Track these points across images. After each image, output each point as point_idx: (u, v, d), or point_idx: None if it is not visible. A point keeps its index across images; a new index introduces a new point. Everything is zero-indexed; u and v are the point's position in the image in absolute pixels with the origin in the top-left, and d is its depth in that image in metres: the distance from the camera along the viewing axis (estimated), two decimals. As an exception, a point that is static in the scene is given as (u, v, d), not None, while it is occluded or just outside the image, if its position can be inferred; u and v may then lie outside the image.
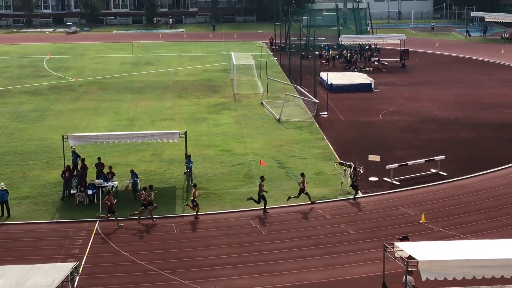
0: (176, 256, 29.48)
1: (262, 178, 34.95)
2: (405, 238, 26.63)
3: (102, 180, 36.51)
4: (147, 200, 33.30)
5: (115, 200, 33.54)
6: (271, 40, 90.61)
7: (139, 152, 44.15)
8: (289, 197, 35.32)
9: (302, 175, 35.56)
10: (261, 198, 34.42)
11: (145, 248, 30.35)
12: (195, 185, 34.94)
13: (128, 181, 36.65)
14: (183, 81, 68.53)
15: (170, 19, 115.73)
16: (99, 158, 38.52)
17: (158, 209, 33.76)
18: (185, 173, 38.31)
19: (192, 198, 34.09)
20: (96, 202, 35.25)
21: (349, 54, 75.55)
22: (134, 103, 58.89)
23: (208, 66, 77.20)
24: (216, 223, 33.23)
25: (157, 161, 42.58)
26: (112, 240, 31.20)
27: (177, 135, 38.24)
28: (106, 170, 37.54)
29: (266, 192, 34.82)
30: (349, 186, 36.36)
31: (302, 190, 35.05)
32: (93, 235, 31.72)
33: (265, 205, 34.51)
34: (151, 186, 34.36)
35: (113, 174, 37.32)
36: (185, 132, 38.50)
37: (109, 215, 32.93)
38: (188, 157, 37.99)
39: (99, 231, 32.16)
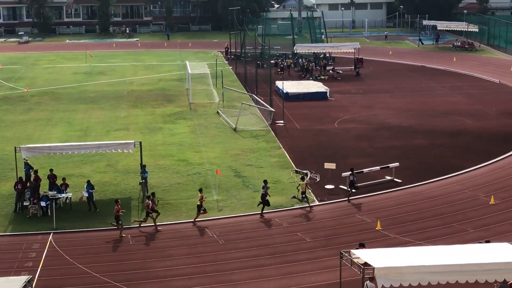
0: (131, 268, 29.14)
1: (265, 182, 35.32)
2: (361, 246, 26.76)
3: (55, 192, 35.94)
4: (152, 208, 33.23)
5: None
6: (226, 49, 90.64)
7: (93, 163, 43.61)
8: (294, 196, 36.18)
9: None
10: (264, 201, 34.79)
11: (100, 260, 29.93)
12: (200, 190, 34.80)
13: (84, 192, 36.15)
14: (138, 91, 68.03)
15: (127, 29, 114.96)
16: (51, 170, 37.95)
17: (113, 220, 33.27)
18: (140, 183, 37.95)
19: (199, 203, 33.94)
20: (49, 214, 34.66)
21: (306, 63, 75.93)
22: (88, 113, 58.23)
23: (163, 75, 76.82)
24: (172, 233, 32.95)
25: (112, 171, 42.12)
26: (67, 252, 30.70)
27: (132, 145, 37.90)
28: (59, 182, 36.98)
29: (269, 196, 34.94)
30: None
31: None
32: (47, 248, 31.18)
33: (262, 209, 34.76)
34: (153, 194, 34.29)
35: (67, 186, 36.78)
36: (140, 142, 38.18)
37: (120, 222, 32.68)
38: (143, 167, 37.69)
39: (53, 243, 31.63)
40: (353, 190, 37.00)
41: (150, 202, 33.30)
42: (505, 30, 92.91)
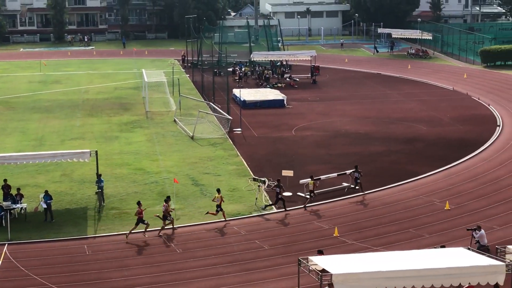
0: (88, 278, 28.77)
1: (278, 181, 37.10)
2: (320, 252, 26.84)
3: (10, 203, 35.35)
4: (167, 212, 33.55)
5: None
6: (183, 57, 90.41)
7: (48, 173, 43.03)
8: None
9: (218, 191, 35.55)
10: (279, 199, 36.57)
11: (56, 271, 29.50)
12: (218, 190, 35.41)
13: (42, 203, 35.59)
14: (94, 99, 67.40)
15: (85, 37, 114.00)
16: (5, 180, 37.38)
17: (70, 231, 32.91)
18: (96, 193, 37.58)
19: (218, 203, 34.65)
20: (4, 225, 34.02)
21: (264, 71, 76.14)
22: (43, 123, 57.46)
23: (119, 83, 76.25)
24: (129, 243, 32.65)
25: (68, 181, 41.61)
26: (22, 263, 30.18)
27: (87, 154, 37.49)
28: (14, 192, 36.39)
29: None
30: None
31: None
32: (1, 259, 30.61)
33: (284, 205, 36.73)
34: (169, 197, 34.61)
35: (22, 196, 36.25)
36: (96, 151, 37.81)
37: (146, 222, 33.29)
38: (98, 176, 37.32)
39: (8, 255, 31.07)
40: (357, 187, 38.96)
41: (166, 205, 33.62)
42: (458, 37, 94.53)
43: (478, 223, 32.43)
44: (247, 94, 64.14)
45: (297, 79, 76.44)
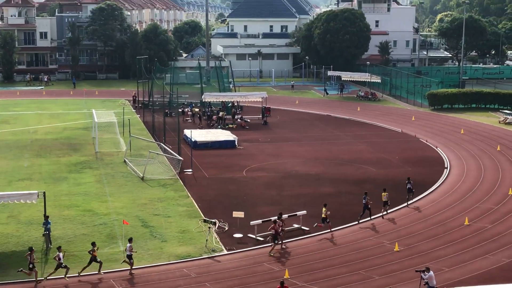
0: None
1: (366, 193, 42.04)
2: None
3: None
4: (280, 228, 36.58)
5: None
6: (134, 98, 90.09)
7: (-6, 214, 42.10)
8: None
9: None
10: (366, 209, 41.52)
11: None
12: (325, 205, 40.04)
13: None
14: (42, 140, 66.51)
15: (45, 76, 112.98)
16: (-50, 222, 36.43)
17: (14, 274, 32.08)
18: (43, 235, 36.85)
19: (324, 216, 39.39)
20: None
21: (220, 112, 76.20)
22: (-10, 163, 56.40)
23: (69, 124, 75.45)
24: (77, 286, 31.99)
25: (14, 223, 40.73)
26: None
27: (35, 195, 36.88)
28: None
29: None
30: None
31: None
32: None
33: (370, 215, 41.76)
34: (281, 214, 38.06)
35: (-34, 238, 35.34)
36: (44, 193, 37.23)
37: (276, 242, 36.22)
38: (46, 218, 36.66)
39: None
40: (412, 198, 45.46)
41: (279, 222, 36.76)
42: (406, 81, 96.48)
43: (427, 264, 32.71)
44: (198, 134, 64.12)
45: (248, 120, 76.79)
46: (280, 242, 36.88)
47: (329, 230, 39.87)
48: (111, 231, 39.43)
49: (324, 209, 39.76)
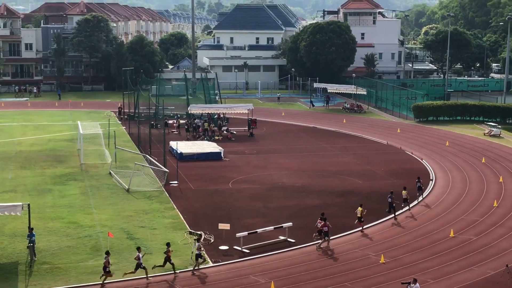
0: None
1: (391, 193, 45.64)
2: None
3: None
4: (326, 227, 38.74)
5: None
6: (119, 109, 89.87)
7: (-22, 226, 41.74)
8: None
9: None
10: (391, 207, 44.58)
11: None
12: (361, 205, 42.03)
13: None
14: (27, 151, 66.12)
15: (35, 88, 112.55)
16: None
17: (0, 286, 31.83)
18: (28, 247, 36.56)
19: (359, 215, 41.53)
20: None
21: (211, 124, 76.12)
22: (-26, 175, 55.99)
23: (54, 135, 75.11)
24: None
25: (-2, 235, 40.43)
26: None
27: (19, 207, 36.62)
28: None
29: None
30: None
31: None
32: None
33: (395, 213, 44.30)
34: (323, 214, 39.67)
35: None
36: (28, 205, 36.99)
37: (326, 238, 38.48)
38: (30, 230, 36.39)
39: None
40: (422, 195, 48.74)
41: (321, 222, 38.86)
42: (391, 93, 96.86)
43: (413, 276, 32.71)
44: (184, 146, 63.99)
45: (234, 132, 76.74)
46: (329, 239, 39.10)
47: (360, 228, 42.16)
48: (96, 243, 39.19)
49: (360, 208, 42.01)
